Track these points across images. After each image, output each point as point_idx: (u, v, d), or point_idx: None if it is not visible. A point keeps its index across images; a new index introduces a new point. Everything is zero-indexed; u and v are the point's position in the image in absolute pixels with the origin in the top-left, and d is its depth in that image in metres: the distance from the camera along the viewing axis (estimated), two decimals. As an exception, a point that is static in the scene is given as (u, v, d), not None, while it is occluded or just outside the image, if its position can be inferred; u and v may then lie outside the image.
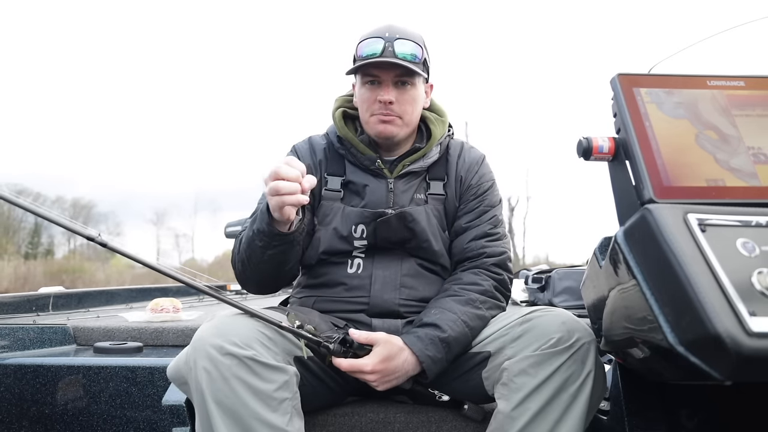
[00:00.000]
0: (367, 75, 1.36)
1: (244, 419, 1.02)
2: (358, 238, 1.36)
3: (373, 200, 1.38)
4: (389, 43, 1.32)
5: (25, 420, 1.63)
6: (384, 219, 1.34)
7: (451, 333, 1.21)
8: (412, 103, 1.37)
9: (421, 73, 1.35)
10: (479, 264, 1.36)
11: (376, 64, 1.32)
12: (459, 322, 1.23)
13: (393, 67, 1.32)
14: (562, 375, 1.09)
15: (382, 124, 1.35)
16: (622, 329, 0.91)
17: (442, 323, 1.22)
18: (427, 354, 1.19)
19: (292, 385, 1.09)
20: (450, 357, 1.22)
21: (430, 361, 1.19)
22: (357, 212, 1.36)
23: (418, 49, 1.35)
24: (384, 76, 1.34)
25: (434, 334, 1.21)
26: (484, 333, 1.25)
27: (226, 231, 3.01)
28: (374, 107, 1.35)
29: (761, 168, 0.89)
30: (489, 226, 1.39)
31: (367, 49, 1.34)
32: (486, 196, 1.42)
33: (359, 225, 1.35)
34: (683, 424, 1.06)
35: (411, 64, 1.32)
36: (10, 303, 2.24)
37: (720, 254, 0.73)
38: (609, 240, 0.92)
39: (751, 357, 0.66)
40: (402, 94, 1.35)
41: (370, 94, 1.36)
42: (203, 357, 1.04)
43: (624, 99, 0.95)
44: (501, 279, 1.35)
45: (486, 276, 1.34)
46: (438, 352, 1.20)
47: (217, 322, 1.09)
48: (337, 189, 1.40)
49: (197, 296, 3.33)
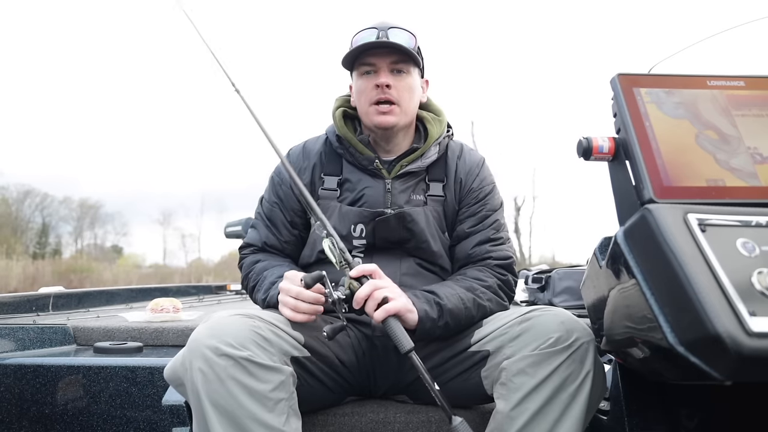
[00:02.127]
0: (363, 65, 1.36)
1: (240, 420, 1.02)
2: (357, 237, 1.36)
3: (371, 200, 1.38)
4: (383, 32, 1.33)
5: (25, 420, 1.63)
6: (383, 218, 1.34)
7: (446, 303, 1.22)
8: (409, 91, 1.37)
9: (417, 58, 1.35)
10: (484, 264, 1.36)
11: (371, 51, 1.33)
12: (456, 297, 1.24)
13: (387, 52, 1.33)
14: (561, 375, 1.09)
15: (381, 115, 1.35)
16: (622, 329, 0.91)
17: (440, 291, 1.25)
18: (424, 308, 1.20)
19: (289, 386, 1.09)
20: (442, 324, 1.22)
21: (425, 314, 1.19)
22: (355, 211, 1.36)
23: (411, 39, 1.36)
24: (380, 63, 1.34)
25: (430, 297, 1.23)
26: (483, 332, 1.24)
27: (226, 231, 3.01)
28: (372, 94, 1.35)
29: (761, 168, 0.89)
30: (492, 231, 1.39)
31: (360, 40, 1.34)
32: (487, 200, 1.42)
33: (358, 224, 1.36)
34: (683, 424, 1.06)
35: (404, 48, 1.32)
36: (10, 303, 2.24)
37: (720, 254, 0.73)
38: (609, 240, 0.92)
39: (751, 357, 0.66)
40: (398, 81, 1.35)
41: (367, 82, 1.36)
42: (199, 358, 1.04)
43: (624, 99, 0.95)
44: (505, 279, 1.35)
45: (490, 274, 1.34)
46: (432, 312, 1.21)
47: (213, 323, 1.09)
48: (334, 188, 1.40)
49: (197, 296, 3.33)
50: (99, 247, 24.61)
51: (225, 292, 3.66)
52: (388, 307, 1.13)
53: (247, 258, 1.45)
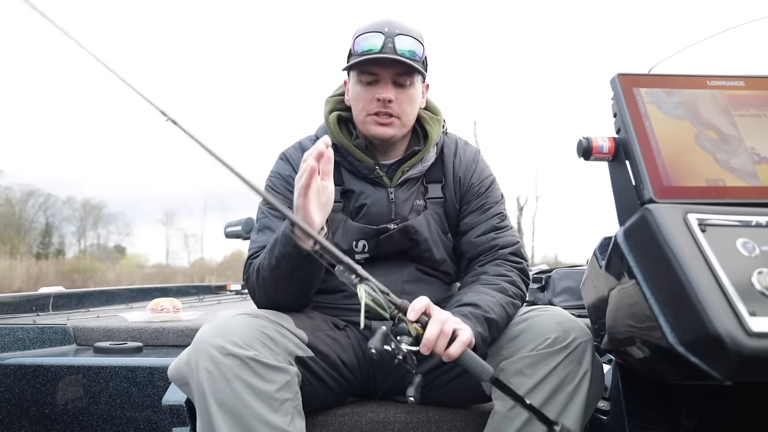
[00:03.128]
0: (365, 73, 1.28)
1: (245, 420, 1.02)
2: (360, 252, 1.33)
3: (375, 213, 1.33)
4: (389, 39, 1.25)
5: (25, 420, 1.63)
6: (387, 235, 1.32)
7: (493, 315, 1.13)
8: (410, 103, 1.31)
9: (422, 72, 1.29)
10: (497, 256, 1.31)
11: (376, 61, 1.26)
12: (499, 306, 1.16)
13: (393, 64, 1.26)
14: (559, 375, 1.08)
15: (379, 126, 1.29)
16: (622, 329, 0.91)
17: (482, 303, 1.15)
18: (478, 331, 1.08)
19: (294, 386, 1.09)
20: (490, 339, 1.13)
21: (480, 338, 1.08)
22: (358, 228, 1.32)
23: (418, 47, 1.29)
24: (383, 74, 1.27)
25: (478, 313, 1.12)
26: None
27: (226, 231, 3.00)
28: (371, 106, 1.29)
29: (761, 168, 0.89)
30: (497, 221, 1.36)
31: (365, 44, 1.27)
32: (489, 193, 1.39)
33: (360, 240, 1.33)
34: (683, 424, 1.06)
35: (412, 62, 1.26)
36: (10, 303, 2.24)
37: (720, 254, 0.73)
38: (609, 240, 0.92)
39: (751, 357, 0.66)
40: (401, 94, 1.28)
41: (367, 92, 1.29)
42: (205, 357, 1.04)
43: (624, 99, 0.95)
44: (521, 267, 1.31)
45: (509, 267, 1.29)
46: (485, 330, 1.10)
47: (218, 323, 1.08)
48: (338, 200, 1.32)
49: (197, 296, 3.33)
50: (102, 247, 24.69)
51: (225, 292, 3.65)
52: (463, 339, 1.00)
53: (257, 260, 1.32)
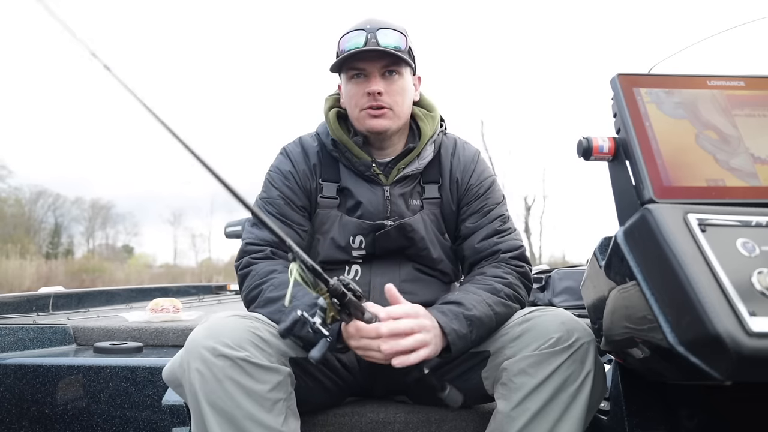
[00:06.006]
0: (352, 69, 1.32)
1: (238, 420, 1.02)
2: (357, 248, 1.34)
3: (371, 210, 1.35)
4: (371, 34, 1.28)
5: (25, 420, 1.63)
6: (383, 232, 1.33)
7: (475, 312, 1.15)
8: (401, 93, 1.33)
9: (408, 61, 1.31)
10: (498, 259, 1.32)
11: (361, 56, 1.29)
12: (483, 304, 1.18)
13: (378, 57, 1.29)
14: (562, 375, 1.09)
15: (373, 119, 1.31)
16: (622, 329, 0.91)
17: (466, 301, 1.17)
18: (453, 327, 1.12)
19: (287, 386, 1.09)
20: (473, 337, 1.15)
21: (455, 335, 1.12)
22: (355, 223, 1.34)
23: (401, 39, 1.31)
24: (370, 68, 1.30)
25: (458, 311, 1.15)
26: None
27: (226, 231, 3.00)
28: (362, 101, 1.31)
29: (761, 168, 0.89)
30: (498, 224, 1.36)
31: (349, 43, 1.30)
32: (488, 194, 1.39)
33: (357, 236, 1.34)
34: (683, 424, 1.06)
35: (396, 52, 1.28)
36: (10, 303, 2.24)
37: (720, 254, 0.73)
38: (609, 240, 0.92)
39: (751, 357, 0.66)
40: (390, 85, 1.31)
41: (357, 88, 1.32)
42: (196, 359, 1.04)
43: (624, 99, 0.95)
44: (523, 271, 1.31)
45: (509, 269, 1.30)
46: (462, 327, 1.13)
47: (210, 324, 1.08)
48: (334, 196, 1.37)
49: (197, 296, 3.33)
50: (110, 247, 24.74)
51: (225, 292, 3.66)
52: (421, 354, 1.05)
53: (259, 264, 1.29)
